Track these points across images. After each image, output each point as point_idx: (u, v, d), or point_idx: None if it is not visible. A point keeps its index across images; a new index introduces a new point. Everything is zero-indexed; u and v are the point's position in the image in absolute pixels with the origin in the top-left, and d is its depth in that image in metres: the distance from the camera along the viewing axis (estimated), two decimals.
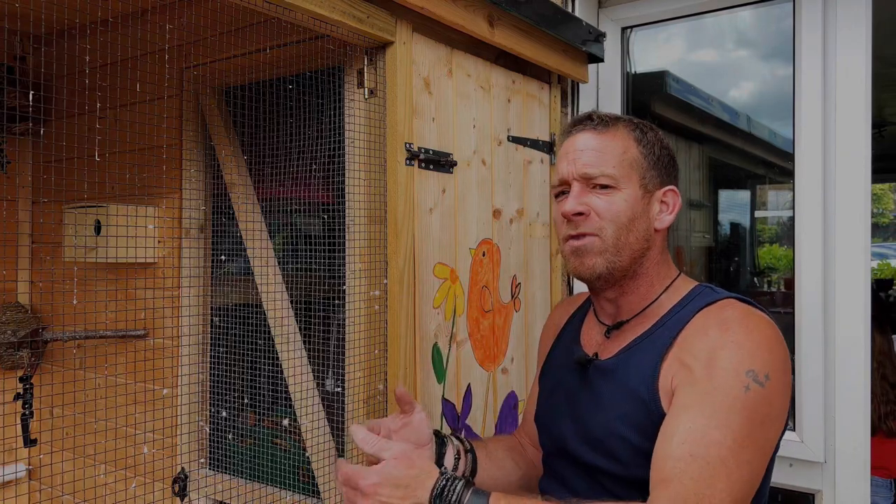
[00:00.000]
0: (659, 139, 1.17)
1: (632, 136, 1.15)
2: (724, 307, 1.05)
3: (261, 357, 1.67)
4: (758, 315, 1.03)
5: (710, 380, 0.96)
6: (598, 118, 1.17)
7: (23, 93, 1.92)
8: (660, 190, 1.14)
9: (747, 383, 0.93)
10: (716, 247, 2.47)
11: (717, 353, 0.98)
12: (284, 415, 1.65)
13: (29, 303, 2.14)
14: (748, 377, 0.94)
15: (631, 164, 1.13)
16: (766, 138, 2.22)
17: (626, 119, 1.18)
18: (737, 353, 0.96)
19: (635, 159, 1.13)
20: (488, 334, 1.62)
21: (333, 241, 1.45)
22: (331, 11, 1.21)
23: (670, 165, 1.17)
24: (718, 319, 1.03)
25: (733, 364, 0.95)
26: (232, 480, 1.70)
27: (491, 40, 1.56)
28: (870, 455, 1.71)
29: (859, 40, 1.72)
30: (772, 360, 0.97)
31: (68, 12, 1.63)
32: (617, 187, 1.11)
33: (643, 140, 1.15)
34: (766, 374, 0.94)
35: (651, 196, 1.14)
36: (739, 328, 1.00)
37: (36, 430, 1.95)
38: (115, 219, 1.73)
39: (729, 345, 0.98)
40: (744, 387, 0.93)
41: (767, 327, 1.02)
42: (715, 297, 1.09)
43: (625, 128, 1.16)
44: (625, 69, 2.18)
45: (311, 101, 1.53)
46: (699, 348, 1.00)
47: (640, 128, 1.17)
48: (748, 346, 0.97)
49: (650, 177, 1.14)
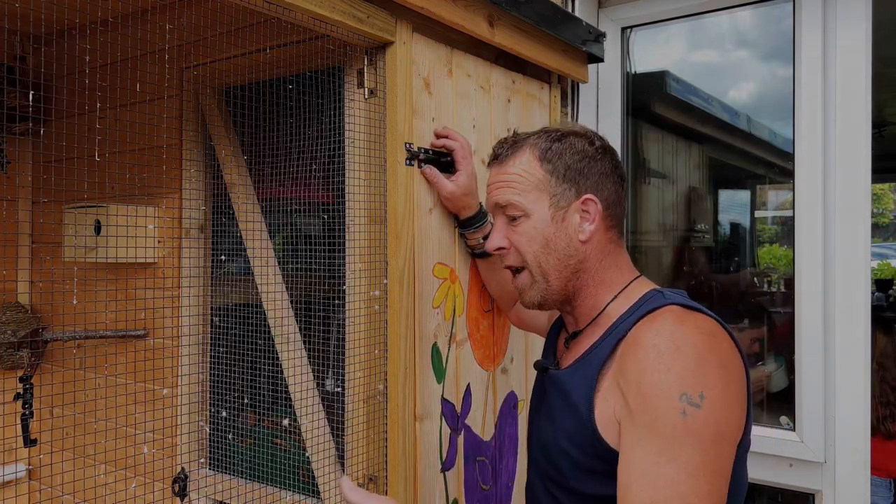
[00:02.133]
0: (569, 146, 1.13)
1: (535, 156, 1.12)
2: (658, 317, 1.01)
3: (261, 357, 1.67)
4: (691, 324, 0.98)
5: (645, 411, 0.93)
6: (501, 148, 1.17)
7: (23, 93, 1.92)
8: (576, 201, 1.11)
9: (682, 409, 0.90)
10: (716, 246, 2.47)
11: (647, 380, 0.94)
12: (284, 415, 1.65)
13: (29, 303, 2.14)
14: (682, 402, 0.90)
15: (536, 187, 1.11)
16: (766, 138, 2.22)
17: (533, 138, 1.15)
18: (665, 378, 0.93)
19: (540, 180, 1.12)
20: (488, 334, 1.62)
21: (333, 241, 1.45)
22: (331, 11, 1.21)
23: (587, 171, 1.12)
24: (649, 333, 0.99)
25: (664, 391, 0.92)
26: (232, 480, 1.70)
27: (491, 40, 1.56)
28: (870, 455, 1.71)
29: (859, 40, 1.72)
30: (704, 375, 0.92)
31: (68, 12, 1.63)
32: (525, 215, 1.12)
33: (547, 156, 1.12)
34: (699, 394, 0.91)
35: (566, 211, 1.11)
36: (667, 345, 0.95)
37: (36, 430, 1.95)
38: (115, 219, 1.73)
39: (658, 368, 0.94)
40: (679, 413, 0.90)
41: (698, 337, 0.96)
42: (657, 303, 1.05)
43: (529, 149, 1.13)
44: (625, 69, 2.18)
45: (311, 101, 1.53)
46: (630, 372, 0.98)
47: (546, 141, 1.13)
48: (676, 367, 0.93)
49: (561, 192, 1.11)
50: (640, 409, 0.94)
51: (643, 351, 0.98)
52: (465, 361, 1.54)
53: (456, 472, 1.50)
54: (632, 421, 0.95)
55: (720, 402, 0.92)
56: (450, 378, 1.49)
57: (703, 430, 0.90)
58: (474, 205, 1.48)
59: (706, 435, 0.90)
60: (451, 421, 1.49)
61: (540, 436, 1.16)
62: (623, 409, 0.97)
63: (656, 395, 0.92)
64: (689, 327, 0.98)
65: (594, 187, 1.12)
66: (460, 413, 1.52)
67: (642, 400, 0.94)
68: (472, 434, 1.55)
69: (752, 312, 2.27)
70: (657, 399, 0.92)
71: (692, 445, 0.89)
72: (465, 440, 1.53)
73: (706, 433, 0.90)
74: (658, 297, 1.08)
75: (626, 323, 1.06)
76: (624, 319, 1.07)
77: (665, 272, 2.39)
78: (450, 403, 1.48)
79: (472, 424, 1.55)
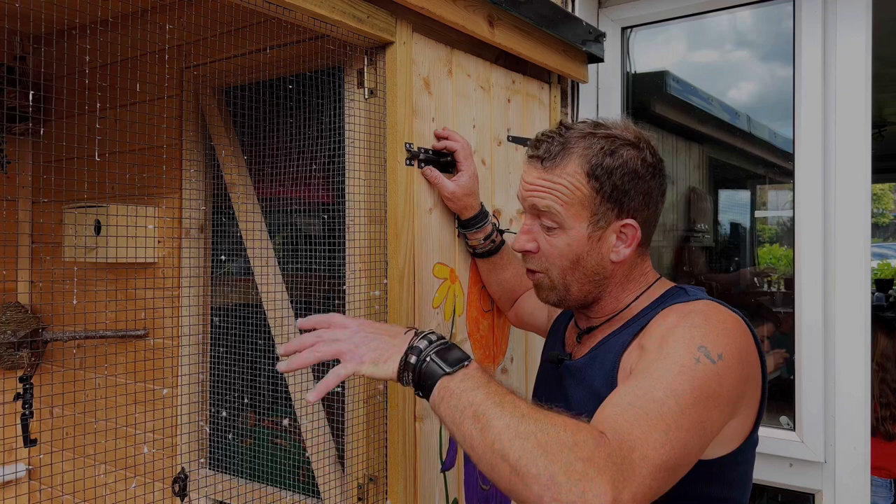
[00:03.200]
0: (621, 165, 1.06)
1: (584, 169, 1.06)
2: (692, 303, 1.03)
3: (261, 357, 1.67)
4: (722, 312, 1.00)
5: (660, 350, 0.92)
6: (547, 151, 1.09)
7: (23, 93, 1.92)
8: (616, 223, 1.07)
9: (698, 356, 0.89)
10: (716, 246, 2.47)
11: (672, 332, 0.95)
12: (284, 415, 1.65)
13: (29, 303, 2.14)
14: (700, 351, 0.90)
15: (581, 203, 1.06)
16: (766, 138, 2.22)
17: (584, 144, 1.07)
18: (690, 331, 0.93)
19: (585, 197, 1.06)
20: (488, 334, 1.62)
21: (333, 241, 1.45)
22: (331, 11, 1.21)
23: (634, 192, 1.07)
24: (682, 310, 1.01)
25: (686, 338, 0.92)
26: (232, 480, 1.70)
27: (491, 40, 1.56)
28: (870, 455, 1.71)
29: (859, 40, 1.72)
30: (728, 344, 0.93)
31: (68, 12, 1.63)
32: (562, 228, 1.08)
33: (597, 172, 1.05)
34: (719, 354, 0.90)
35: (604, 231, 1.08)
36: (699, 316, 0.97)
37: (36, 430, 1.95)
38: (115, 219, 1.73)
39: (685, 325, 0.95)
40: (694, 359, 0.89)
41: (731, 320, 0.98)
42: (685, 298, 1.06)
43: (578, 160, 1.06)
44: (625, 69, 2.18)
45: (311, 101, 1.53)
46: (655, 331, 0.98)
47: (599, 155, 1.06)
48: (704, 327, 0.94)
49: (603, 212, 1.07)
50: (656, 348, 0.94)
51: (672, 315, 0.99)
52: None
53: (456, 472, 1.50)
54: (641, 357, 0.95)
55: (735, 371, 0.92)
56: None
57: (708, 383, 0.88)
58: (476, 205, 1.48)
59: (709, 389, 0.88)
60: None
61: None
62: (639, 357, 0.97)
63: (676, 340, 0.93)
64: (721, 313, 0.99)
65: (636, 209, 1.08)
66: None
67: (661, 342, 0.94)
68: None
69: (752, 312, 2.27)
70: (676, 343, 0.92)
71: (693, 388, 0.87)
72: None
73: (709, 387, 0.89)
74: (681, 293, 1.09)
75: (649, 315, 1.06)
76: (646, 313, 1.08)
77: (665, 272, 2.39)
78: None
79: None
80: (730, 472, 1.01)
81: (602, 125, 1.10)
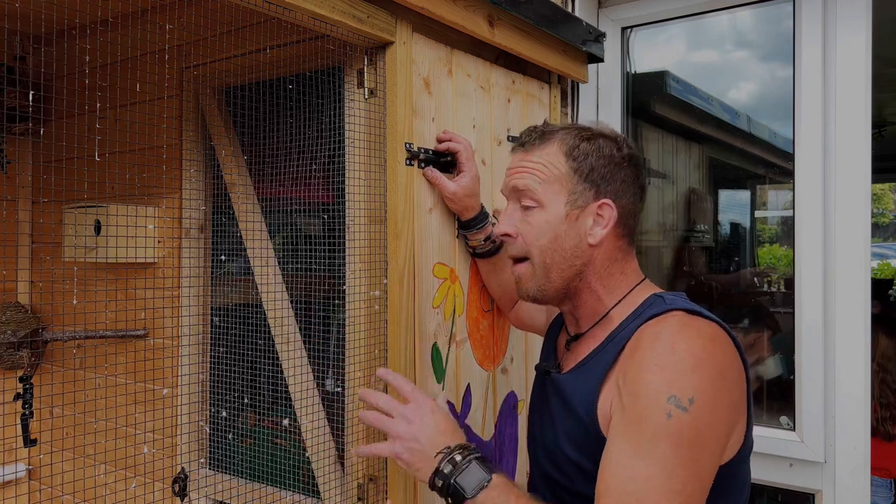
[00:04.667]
0: (597, 148, 1.11)
1: (562, 150, 1.11)
2: (662, 321, 1.01)
3: (261, 357, 1.67)
4: (693, 329, 0.99)
5: (634, 408, 0.94)
6: (531, 134, 1.15)
7: (23, 93, 1.92)
8: (593, 203, 1.10)
9: (669, 410, 0.90)
10: (716, 246, 2.47)
11: (641, 378, 0.95)
12: (284, 415, 1.65)
13: (29, 303, 2.14)
14: (670, 404, 0.91)
15: (558, 180, 1.10)
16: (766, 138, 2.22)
17: (564, 130, 1.14)
18: (658, 378, 0.93)
19: (563, 175, 1.10)
20: (487, 334, 1.62)
21: (333, 241, 1.45)
22: (331, 11, 1.21)
23: (610, 176, 1.11)
24: (651, 336, 1.00)
25: (654, 391, 0.92)
26: (232, 480, 1.70)
27: (491, 40, 1.56)
28: (870, 455, 1.71)
29: (859, 40, 1.72)
30: (697, 380, 0.92)
31: (68, 12, 1.63)
32: (540, 206, 1.11)
33: (574, 153, 1.11)
34: (689, 399, 0.91)
35: (581, 211, 1.10)
36: (665, 348, 0.96)
37: (36, 430, 1.95)
38: (115, 219, 1.73)
39: (652, 369, 0.95)
40: (665, 414, 0.90)
41: (697, 341, 0.96)
42: (659, 309, 1.05)
43: (559, 141, 1.12)
44: (625, 69, 2.18)
45: (311, 101, 1.53)
46: (628, 372, 0.98)
47: (576, 139, 1.12)
48: (670, 369, 0.93)
49: (580, 191, 1.10)
50: (630, 404, 0.95)
51: (641, 352, 0.98)
52: (465, 361, 1.54)
53: None
54: (621, 415, 0.96)
55: (709, 409, 0.92)
56: (450, 378, 1.49)
57: (685, 432, 0.90)
58: (476, 206, 1.48)
59: (688, 438, 0.90)
60: None
61: (543, 439, 1.16)
62: (616, 405, 0.99)
63: (646, 395, 0.93)
64: (691, 332, 0.98)
65: (614, 193, 1.11)
66: (460, 413, 1.52)
67: (633, 397, 0.95)
68: (472, 434, 1.55)
69: (752, 312, 2.27)
70: (646, 398, 0.93)
71: (671, 445, 0.90)
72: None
73: (688, 436, 0.90)
74: (659, 302, 1.07)
75: (627, 329, 1.06)
76: (625, 326, 1.07)
77: (665, 272, 2.39)
78: (450, 403, 1.48)
79: (472, 424, 1.55)
80: (731, 480, 1.02)
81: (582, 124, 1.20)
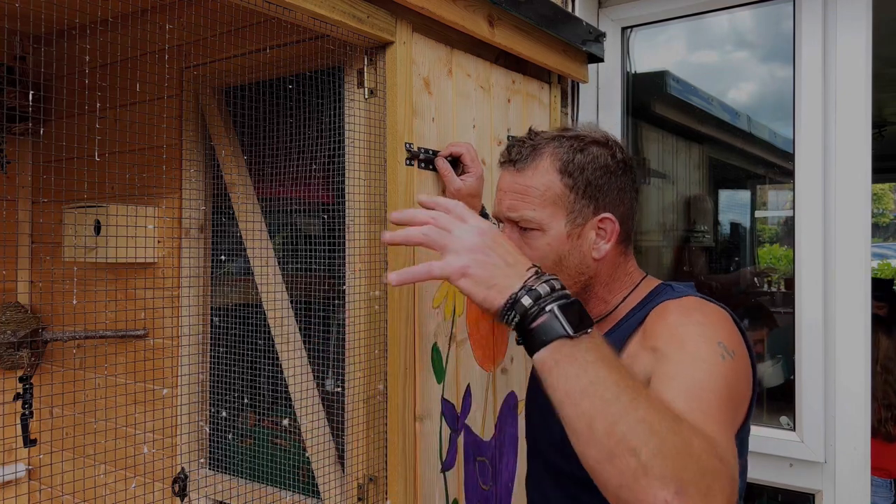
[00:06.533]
0: (591, 160, 1.08)
1: (555, 168, 1.07)
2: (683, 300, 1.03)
3: (261, 357, 1.67)
4: (715, 307, 1.02)
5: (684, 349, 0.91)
6: (518, 153, 1.10)
7: (23, 93, 1.92)
8: (594, 218, 1.08)
9: (721, 353, 0.90)
10: (716, 246, 2.47)
11: (683, 330, 0.94)
12: (284, 415, 1.65)
13: (29, 303, 2.14)
14: (720, 347, 0.91)
15: (554, 202, 1.07)
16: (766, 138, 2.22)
17: (554, 144, 1.09)
18: (702, 329, 0.94)
19: (559, 195, 1.07)
20: (487, 334, 1.62)
21: (333, 241, 1.45)
22: (331, 11, 1.21)
23: (607, 187, 1.08)
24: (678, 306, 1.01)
25: (704, 335, 0.92)
26: (232, 480, 1.70)
27: (491, 40, 1.56)
28: (870, 455, 1.71)
29: (859, 40, 1.72)
30: (733, 339, 0.95)
31: (68, 12, 1.63)
32: (540, 229, 1.07)
33: (569, 169, 1.07)
34: (732, 351, 0.92)
35: (582, 228, 1.08)
36: (699, 313, 0.98)
37: (36, 430, 1.95)
38: (115, 219, 1.73)
39: (692, 323, 0.95)
40: (720, 356, 0.90)
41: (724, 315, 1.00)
42: (675, 294, 1.06)
43: (549, 159, 1.08)
44: (625, 69, 2.18)
45: (310, 101, 1.53)
46: (661, 331, 0.97)
47: (569, 152, 1.08)
48: (709, 324, 0.95)
49: (579, 208, 1.07)
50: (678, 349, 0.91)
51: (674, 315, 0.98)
52: (465, 361, 1.54)
53: (456, 473, 1.50)
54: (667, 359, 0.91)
55: (745, 366, 0.95)
56: (450, 378, 1.49)
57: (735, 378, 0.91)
58: (478, 206, 1.48)
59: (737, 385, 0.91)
60: (451, 421, 1.49)
61: (550, 431, 1.14)
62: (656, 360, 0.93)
63: (696, 338, 0.92)
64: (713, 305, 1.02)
65: (612, 204, 1.09)
66: (460, 413, 1.52)
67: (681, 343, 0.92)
68: (472, 434, 1.55)
69: (752, 312, 2.27)
70: (696, 341, 0.92)
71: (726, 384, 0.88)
72: (466, 440, 1.53)
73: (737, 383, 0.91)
74: (668, 290, 1.09)
75: (638, 315, 1.06)
76: (633, 315, 1.08)
77: (665, 272, 2.39)
78: (450, 403, 1.48)
79: (472, 424, 1.55)
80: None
81: (569, 129, 1.14)
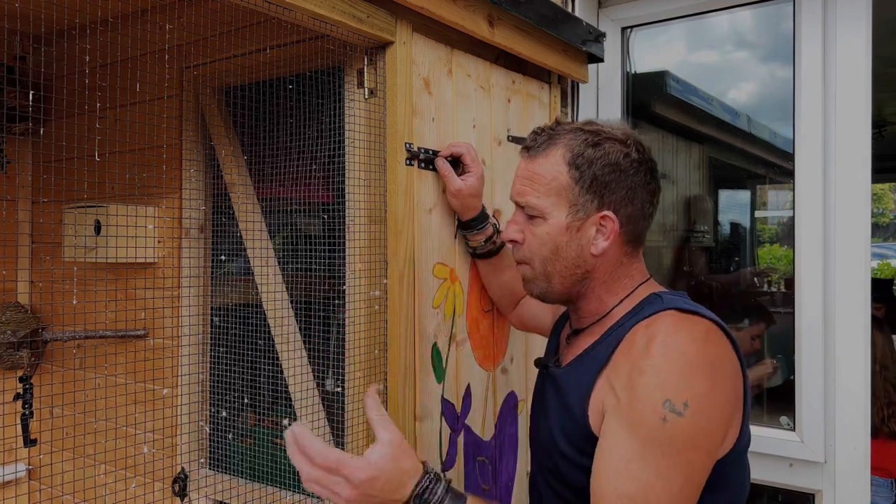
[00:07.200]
0: (602, 156, 1.07)
1: (564, 160, 1.08)
2: (655, 322, 1.01)
3: (261, 357, 1.67)
4: (685, 330, 0.98)
5: (629, 409, 0.94)
6: (534, 140, 1.12)
7: (23, 93, 1.92)
8: (595, 214, 1.08)
9: (664, 415, 0.91)
10: (716, 246, 2.47)
11: (637, 380, 0.95)
12: (284, 415, 1.65)
13: (29, 303, 2.14)
14: (665, 408, 0.91)
15: (558, 192, 1.08)
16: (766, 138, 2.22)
17: (570, 136, 1.09)
18: (653, 382, 0.93)
19: (564, 186, 1.08)
20: (488, 334, 1.62)
21: (333, 241, 1.45)
22: (331, 11, 1.21)
23: (615, 185, 1.08)
24: (645, 337, 0.99)
25: (650, 395, 0.93)
26: (232, 480, 1.70)
27: (491, 40, 1.56)
28: (870, 455, 1.71)
29: (859, 40, 1.72)
30: (691, 383, 0.93)
31: (68, 12, 1.63)
32: (542, 217, 1.10)
33: (577, 161, 1.07)
34: (684, 403, 0.91)
35: (583, 222, 1.09)
36: (659, 350, 0.96)
37: (36, 430, 1.95)
38: (115, 219, 1.73)
39: (648, 371, 0.95)
40: (660, 419, 0.91)
41: (691, 344, 0.96)
42: (655, 308, 1.04)
43: (562, 149, 1.09)
44: (625, 69, 2.18)
45: (310, 101, 1.53)
46: (623, 371, 0.99)
47: (581, 146, 1.08)
48: (665, 372, 0.94)
49: (583, 202, 1.08)
50: (626, 405, 0.96)
51: (636, 352, 0.99)
52: (465, 361, 1.54)
53: (456, 473, 1.50)
54: (615, 415, 0.97)
55: (704, 411, 0.93)
56: (450, 378, 1.49)
57: (680, 437, 0.91)
58: (478, 206, 1.48)
59: (683, 442, 0.91)
60: (451, 421, 1.49)
61: (539, 432, 1.18)
62: (611, 401, 0.99)
63: (641, 398, 0.94)
64: (684, 334, 0.98)
65: (617, 202, 1.08)
66: (460, 413, 1.52)
67: (628, 398, 0.96)
68: (472, 434, 1.55)
69: (752, 312, 2.27)
70: (642, 402, 0.94)
71: (666, 449, 0.91)
72: (465, 440, 1.53)
73: (683, 440, 0.91)
74: (657, 301, 1.07)
75: (623, 328, 1.06)
76: (622, 324, 1.08)
77: (665, 272, 2.39)
78: (450, 403, 1.48)
79: (472, 424, 1.55)
80: (729, 474, 1.02)
81: (594, 122, 1.13)
